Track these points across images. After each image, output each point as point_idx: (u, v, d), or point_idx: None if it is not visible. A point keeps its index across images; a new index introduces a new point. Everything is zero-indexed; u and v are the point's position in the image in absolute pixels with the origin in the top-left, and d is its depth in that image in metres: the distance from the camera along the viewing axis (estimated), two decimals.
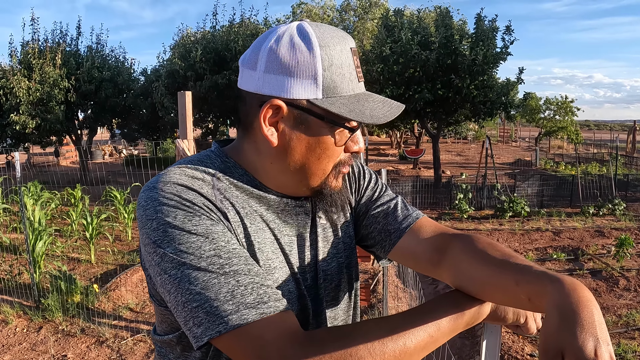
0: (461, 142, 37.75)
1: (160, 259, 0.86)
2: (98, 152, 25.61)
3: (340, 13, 30.21)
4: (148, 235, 0.88)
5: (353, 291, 1.19)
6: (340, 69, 0.94)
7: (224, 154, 1.04)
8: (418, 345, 0.84)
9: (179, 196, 0.89)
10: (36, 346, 5.14)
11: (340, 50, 0.94)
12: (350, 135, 0.98)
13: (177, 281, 0.84)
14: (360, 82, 0.98)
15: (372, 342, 0.81)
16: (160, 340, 1.05)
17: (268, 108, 0.94)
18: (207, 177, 0.97)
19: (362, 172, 1.24)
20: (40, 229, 6.94)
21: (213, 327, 0.81)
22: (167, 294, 0.86)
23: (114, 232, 9.69)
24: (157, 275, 0.87)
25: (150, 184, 0.94)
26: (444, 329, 0.89)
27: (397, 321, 0.86)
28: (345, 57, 0.95)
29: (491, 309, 0.98)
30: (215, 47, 16.12)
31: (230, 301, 0.82)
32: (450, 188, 12.81)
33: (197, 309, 0.82)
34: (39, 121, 15.62)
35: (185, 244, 0.85)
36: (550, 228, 10.41)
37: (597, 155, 23.43)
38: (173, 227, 0.86)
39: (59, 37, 17.27)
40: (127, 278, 6.98)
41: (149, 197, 0.91)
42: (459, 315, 0.92)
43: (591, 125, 79.07)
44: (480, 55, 13.16)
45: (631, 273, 7.35)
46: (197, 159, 1.02)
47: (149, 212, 0.89)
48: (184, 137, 4.60)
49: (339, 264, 1.14)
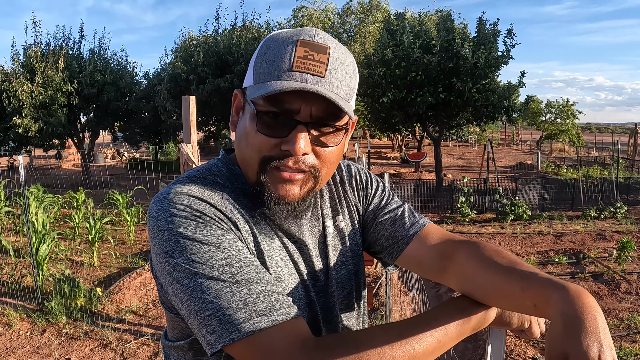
0: (462, 146, 37.75)
1: (172, 268, 0.88)
2: (100, 155, 25.67)
3: (342, 16, 30.21)
4: (160, 246, 0.90)
5: (362, 298, 1.21)
6: (273, 56, 0.92)
7: (231, 162, 1.07)
8: (426, 350, 0.86)
9: (189, 207, 0.91)
10: (40, 349, 5.15)
11: (280, 40, 0.94)
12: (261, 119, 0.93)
13: (189, 290, 0.86)
14: (297, 72, 0.91)
15: (381, 347, 0.82)
16: (172, 346, 1.07)
17: (233, 96, 1.04)
18: (216, 187, 0.99)
19: (369, 179, 1.26)
20: (44, 232, 6.95)
21: (226, 335, 0.83)
22: (179, 303, 0.88)
23: (117, 235, 9.71)
24: (169, 284, 0.89)
25: (161, 195, 0.95)
26: (451, 334, 0.91)
27: (405, 327, 0.88)
28: (285, 47, 0.92)
29: (497, 314, 1.00)
30: (217, 50, 16.16)
31: (242, 309, 0.83)
32: (452, 191, 12.82)
33: (211, 317, 0.84)
34: (41, 124, 15.65)
35: (197, 254, 0.87)
36: (552, 231, 10.41)
37: (598, 158, 23.41)
38: (185, 238, 0.88)
39: (62, 40, 17.33)
40: (130, 281, 6.99)
41: (160, 208, 0.93)
42: (466, 321, 0.93)
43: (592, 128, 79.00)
44: (481, 59, 13.17)
45: (633, 276, 7.35)
46: (205, 169, 1.04)
47: (160, 223, 0.91)
48: (187, 141, 4.62)
49: (349, 272, 1.15)
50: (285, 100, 0.91)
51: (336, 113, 0.94)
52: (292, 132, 0.92)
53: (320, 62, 0.92)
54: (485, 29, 13.83)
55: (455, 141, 38.28)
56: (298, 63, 0.91)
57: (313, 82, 0.90)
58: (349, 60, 0.97)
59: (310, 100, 0.91)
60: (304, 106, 0.91)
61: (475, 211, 11.97)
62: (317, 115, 0.93)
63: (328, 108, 0.92)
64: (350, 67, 0.97)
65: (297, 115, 0.92)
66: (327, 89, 0.90)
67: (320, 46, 0.93)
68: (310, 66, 0.91)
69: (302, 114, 0.92)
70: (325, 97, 0.89)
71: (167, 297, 0.95)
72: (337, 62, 0.94)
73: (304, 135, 0.92)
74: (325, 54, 0.92)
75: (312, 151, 0.95)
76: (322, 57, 0.92)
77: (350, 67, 0.97)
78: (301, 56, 0.91)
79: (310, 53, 0.91)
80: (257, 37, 16.60)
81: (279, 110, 0.92)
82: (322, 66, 0.92)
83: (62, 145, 18.40)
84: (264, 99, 0.92)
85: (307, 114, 0.92)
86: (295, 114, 0.92)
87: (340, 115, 0.95)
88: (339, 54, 0.95)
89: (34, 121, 15.49)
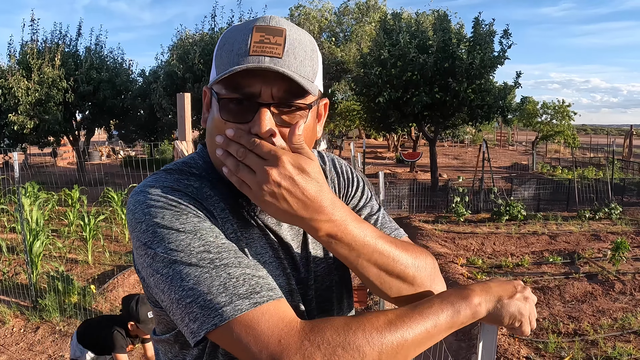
0: (458, 146, 37.80)
1: (151, 259, 0.88)
2: (95, 153, 25.61)
3: (338, 16, 30.21)
4: (138, 238, 0.90)
5: (342, 294, 1.18)
6: (231, 45, 0.93)
7: (207, 154, 1.06)
8: (415, 339, 0.86)
9: (165, 197, 0.92)
10: (33, 346, 5.14)
11: (237, 30, 0.95)
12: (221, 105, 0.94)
13: (169, 279, 0.85)
14: (254, 55, 0.90)
15: (370, 332, 0.82)
16: (159, 340, 1.06)
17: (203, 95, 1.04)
18: (192, 178, 0.99)
19: (352, 177, 1.25)
20: (38, 229, 6.94)
21: (209, 321, 0.82)
22: (161, 294, 0.88)
23: (112, 233, 9.69)
24: (149, 276, 0.89)
25: (137, 189, 0.96)
26: (441, 325, 0.91)
27: (395, 315, 0.88)
28: (241, 34, 0.93)
29: (487, 310, 1.00)
30: (213, 49, 16.08)
31: (223, 293, 0.83)
32: (447, 191, 12.84)
33: (192, 304, 0.83)
34: (37, 122, 15.61)
35: (175, 242, 0.87)
36: (547, 232, 10.43)
37: (593, 159, 23.49)
38: (162, 227, 0.88)
39: (58, 37, 17.28)
40: (124, 279, 6.98)
41: (136, 200, 0.93)
42: (455, 313, 0.93)
43: (588, 130, 79.16)
44: (477, 59, 13.20)
45: (627, 277, 7.37)
46: (182, 162, 1.05)
47: (137, 215, 0.91)
48: (182, 138, 4.60)
49: (328, 265, 1.13)
50: (245, 85, 0.91)
51: (298, 92, 0.93)
52: (255, 114, 0.91)
53: (277, 44, 0.92)
54: (481, 30, 13.86)
55: (450, 141, 38.31)
56: (255, 47, 0.91)
57: (271, 64, 0.90)
58: (307, 41, 0.97)
59: (270, 81, 0.91)
60: (264, 88, 0.91)
61: (470, 211, 11.97)
62: (279, 95, 0.92)
63: (290, 88, 0.92)
64: (309, 47, 0.97)
65: (259, 99, 0.91)
66: (284, 68, 0.90)
67: (275, 29, 0.93)
68: (267, 49, 0.91)
69: (264, 95, 0.91)
70: (285, 75, 0.89)
71: (150, 291, 0.94)
72: (295, 43, 0.94)
73: (268, 116, 0.91)
74: (281, 37, 0.93)
75: (280, 134, 0.93)
76: (278, 40, 0.92)
77: (310, 47, 0.97)
78: (257, 41, 0.91)
79: (266, 37, 0.92)
80: None
81: (241, 96, 0.92)
82: (279, 48, 0.92)
83: (57, 143, 18.36)
84: (226, 88, 0.92)
85: (268, 94, 0.91)
86: (257, 97, 0.91)
87: (303, 94, 0.94)
88: (295, 35, 0.95)
89: (29, 118, 15.45)
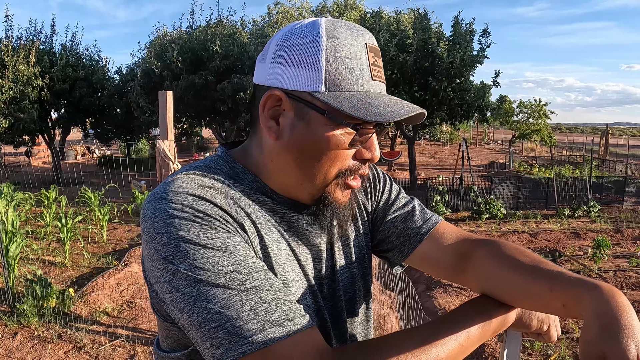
0: (434, 144, 38.07)
1: (171, 275, 0.79)
2: (70, 152, 25.24)
3: (316, 15, 30.23)
4: (157, 251, 0.81)
5: (369, 302, 1.15)
6: (348, 62, 0.86)
7: (232, 159, 0.98)
8: (449, 355, 0.83)
9: (191, 207, 0.82)
10: (12, 352, 5.00)
11: (351, 43, 0.87)
12: (356, 136, 0.88)
13: (192, 300, 0.78)
14: (375, 81, 0.88)
15: (404, 355, 0.79)
16: (166, 357, 0.97)
17: (267, 98, 0.89)
18: (219, 185, 0.90)
19: (377, 175, 1.20)
20: (14, 231, 6.77)
21: (235, 348, 0.75)
22: (179, 313, 0.80)
23: (89, 234, 9.52)
24: (167, 292, 0.81)
25: (157, 194, 0.86)
26: (473, 337, 0.88)
27: (427, 332, 0.85)
28: (357, 50, 0.87)
29: (516, 316, 0.97)
30: (192, 46, 15.96)
31: (254, 320, 0.76)
32: (427, 190, 12.87)
33: (217, 329, 0.76)
34: (12, 120, 15.29)
35: (201, 260, 0.79)
36: (527, 230, 10.52)
37: (570, 157, 23.81)
38: (186, 242, 0.79)
39: (33, 34, 16.94)
40: (103, 281, 6.85)
41: (156, 208, 0.83)
42: (487, 323, 0.91)
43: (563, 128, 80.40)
44: (457, 58, 13.28)
45: (608, 274, 7.45)
46: (204, 165, 0.95)
47: (157, 226, 0.82)
48: (164, 137, 4.51)
49: (353, 275, 1.09)
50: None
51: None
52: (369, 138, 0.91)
53: (381, 67, 0.92)
54: (461, 29, 13.94)
55: (427, 140, 38.57)
56: (374, 72, 0.89)
57: (383, 91, 0.91)
58: None
59: None
60: None
61: (450, 210, 12.04)
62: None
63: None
64: None
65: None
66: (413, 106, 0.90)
67: (378, 50, 0.92)
68: (379, 74, 0.91)
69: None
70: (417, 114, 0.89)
71: (163, 306, 0.86)
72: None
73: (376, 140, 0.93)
74: (380, 58, 0.92)
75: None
76: (380, 62, 0.92)
77: None
78: (372, 62, 0.89)
79: (375, 58, 0.90)
80: (232, 34, 16.43)
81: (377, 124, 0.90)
82: (382, 71, 0.92)
83: (32, 142, 18.05)
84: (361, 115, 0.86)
85: None
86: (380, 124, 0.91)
87: None
88: None
89: (4, 117, 15.13)
